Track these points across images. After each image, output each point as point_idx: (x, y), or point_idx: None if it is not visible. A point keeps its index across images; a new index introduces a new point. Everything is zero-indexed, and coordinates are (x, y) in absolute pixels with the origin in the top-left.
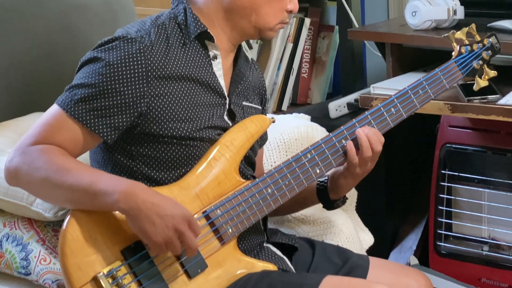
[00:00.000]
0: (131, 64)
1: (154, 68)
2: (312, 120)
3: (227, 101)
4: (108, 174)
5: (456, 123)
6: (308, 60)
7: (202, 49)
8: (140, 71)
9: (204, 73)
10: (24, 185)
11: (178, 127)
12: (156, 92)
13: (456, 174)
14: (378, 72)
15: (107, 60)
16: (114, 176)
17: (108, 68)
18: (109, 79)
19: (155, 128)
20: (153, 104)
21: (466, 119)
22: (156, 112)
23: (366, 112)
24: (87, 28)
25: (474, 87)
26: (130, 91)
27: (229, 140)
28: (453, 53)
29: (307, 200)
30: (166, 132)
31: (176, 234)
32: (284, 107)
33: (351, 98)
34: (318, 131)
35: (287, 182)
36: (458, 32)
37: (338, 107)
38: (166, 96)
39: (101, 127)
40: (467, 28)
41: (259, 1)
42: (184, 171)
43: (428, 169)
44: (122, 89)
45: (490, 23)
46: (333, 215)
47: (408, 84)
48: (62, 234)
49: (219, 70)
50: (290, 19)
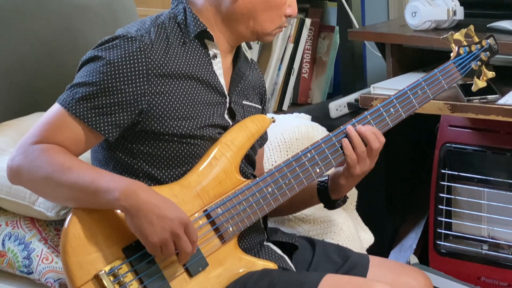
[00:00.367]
0: (132, 62)
1: (155, 66)
2: (313, 120)
3: (227, 99)
4: (110, 173)
5: (456, 123)
6: (309, 60)
7: (202, 48)
8: (140, 69)
9: (205, 71)
10: (26, 183)
11: (179, 125)
12: (157, 90)
13: (456, 173)
14: (378, 72)
15: (108, 58)
16: (115, 174)
17: (108, 66)
18: (109, 77)
19: (156, 126)
20: (153, 102)
21: (466, 119)
22: (157, 110)
23: (366, 112)
24: (88, 29)
25: (472, 88)
26: (130, 89)
27: (229, 139)
28: (451, 54)
29: (308, 200)
30: (167, 130)
31: (172, 237)
32: (285, 107)
33: (351, 98)
34: (319, 131)
35: (287, 181)
36: (457, 33)
37: (338, 107)
38: (167, 94)
39: (102, 125)
40: (466, 29)
41: (257, 8)
42: (184, 169)
43: (428, 168)
44: (122, 87)
45: (489, 24)
46: (333, 214)
47: (407, 85)
48: (64, 233)
49: (219, 69)
50: (289, 23)
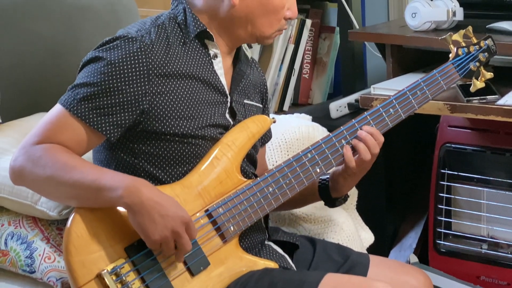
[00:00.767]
0: (132, 62)
1: (155, 66)
2: (313, 120)
3: (229, 99)
4: (112, 171)
5: (456, 123)
6: (309, 61)
7: (202, 48)
8: (141, 69)
9: (205, 71)
10: (29, 183)
11: (180, 124)
12: (158, 90)
13: (456, 173)
14: (378, 73)
15: (109, 59)
16: (118, 172)
17: (109, 67)
18: (111, 78)
19: (157, 125)
20: (155, 102)
21: (466, 119)
22: (158, 110)
23: (365, 113)
24: (90, 30)
25: (471, 88)
26: (132, 89)
27: (230, 139)
28: (450, 55)
29: (309, 198)
30: (168, 129)
31: (173, 235)
32: (286, 107)
33: (351, 98)
34: (319, 131)
35: (288, 181)
36: (455, 34)
37: (339, 107)
38: (168, 94)
39: (103, 125)
40: (464, 30)
41: (255, 13)
42: (186, 169)
43: (428, 168)
44: (124, 87)
45: (489, 25)
46: (334, 213)
47: (406, 85)
48: (67, 232)
49: (220, 68)
50: (289, 24)
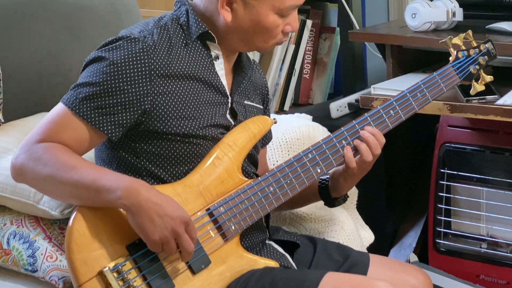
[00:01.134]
0: (135, 63)
1: (157, 66)
2: (314, 120)
3: (229, 100)
4: (112, 172)
5: (455, 123)
6: (310, 61)
7: (204, 49)
8: (143, 69)
9: (207, 72)
10: (29, 181)
11: (182, 124)
12: (160, 90)
13: (455, 173)
14: (378, 73)
15: (111, 59)
16: (117, 173)
17: (112, 67)
18: (113, 78)
19: (158, 125)
20: (156, 102)
21: (465, 119)
22: (160, 110)
23: (366, 114)
24: (92, 30)
25: (471, 91)
26: (134, 89)
27: (232, 140)
28: (450, 58)
29: (309, 197)
30: (170, 129)
31: (173, 235)
32: (286, 107)
33: (352, 98)
34: (320, 131)
35: (288, 181)
36: (455, 37)
37: (339, 107)
38: (170, 94)
39: (105, 124)
40: (464, 34)
41: (248, 31)
42: (187, 168)
43: (428, 168)
44: (126, 87)
45: (488, 25)
46: (334, 213)
47: (407, 87)
48: (69, 230)
49: (221, 69)
50: (288, 37)
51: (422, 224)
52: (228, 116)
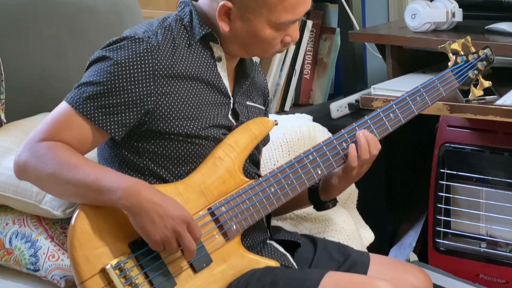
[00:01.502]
0: (139, 63)
1: (161, 67)
2: (314, 120)
3: (231, 100)
4: (113, 171)
5: (455, 123)
6: (310, 61)
7: (207, 50)
8: (147, 70)
9: (209, 73)
10: (32, 179)
11: (184, 125)
12: (163, 91)
13: (455, 173)
14: (378, 73)
15: (115, 59)
16: (119, 173)
17: (116, 66)
18: (117, 77)
19: (161, 125)
20: (159, 102)
21: (465, 119)
22: (163, 110)
23: (366, 117)
24: (94, 30)
25: (469, 96)
26: (137, 89)
27: (233, 140)
28: (449, 63)
29: (299, 201)
30: (172, 129)
31: (174, 235)
32: (287, 107)
33: (352, 98)
34: (320, 131)
35: (289, 182)
36: (454, 43)
37: (339, 108)
38: (172, 95)
39: (109, 124)
40: (463, 40)
41: (246, 41)
42: (189, 168)
43: (427, 168)
44: (129, 87)
45: (487, 26)
46: (334, 212)
47: (407, 88)
48: (71, 227)
49: (223, 71)
50: (288, 46)
51: (422, 223)
52: (230, 116)
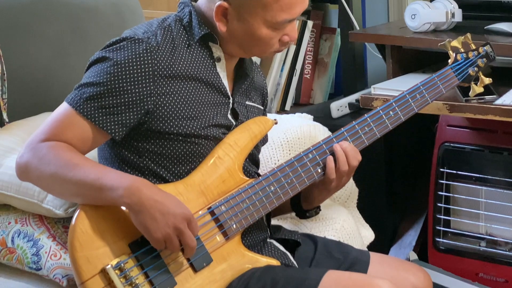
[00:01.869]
0: (138, 63)
1: (161, 67)
2: (315, 119)
3: (231, 100)
4: (114, 170)
5: (454, 123)
6: (311, 61)
7: (206, 50)
8: (147, 70)
9: (208, 73)
10: (34, 180)
11: (184, 124)
12: (163, 91)
13: (454, 172)
14: (378, 73)
15: (115, 59)
16: (120, 172)
17: (116, 67)
18: (117, 78)
19: (161, 125)
20: (159, 102)
21: (464, 119)
22: (163, 110)
23: (366, 115)
24: (96, 30)
25: (470, 93)
26: (137, 90)
27: (233, 140)
28: (449, 60)
29: (281, 208)
30: (172, 129)
31: (176, 232)
32: (287, 107)
33: (352, 98)
34: (320, 130)
35: (289, 181)
36: (454, 40)
37: (339, 107)
38: (172, 95)
39: (109, 124)
40: (463, 37)
41: (243, 41)
42: (189, 167)
43: (427, 167)
44: (129, 87)
45: (487, 26)
46: (334, 212)
47: (407, 87)
48: (72, 228)
49: (222, 71)
50: (287, 46)
51: (422, 222)
52: (229, 116)
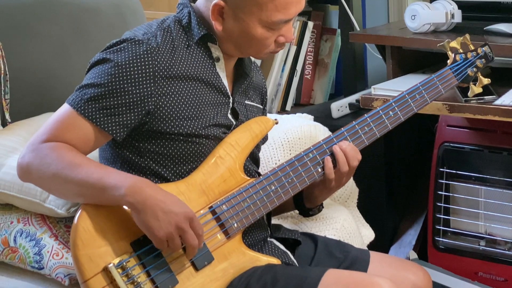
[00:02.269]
0: (139, 64)
1: (161, 68)
2: (315, 120)
3: (231, 100)
4: (116, 170)
5: (454, 123)
6: (311, 62)
7: (205, 50)
8: (147, 71)
9: (208, 73)
10: (35, 180)
11: (184, 124)
12: (163, 91)
13: (454, 172)
14: (378, 74)
15: (116, 61)
16: (122, 172)
17: (116, 68)
18: (117, 79)
19: (162, 125)
20: (160, 103)
21: (464, 119)
22: (163, 111)
23: (366, 115)
24: (97, 31)
25: (469, 94)
26: (138, 91)
27: (234, 139)
28: (448, 61)
29: (285, 206)
30: (173, 129)
31: (178, 232)
32: (288, 107)
33: (352, 98)
34: (321, 131)
35: (290, 180)
36: (453, 41)
37: (340, 107)
38: (173, 95)
39: (110, 125)
40: (462, 38)
41: (239, 41)
42: (190, 167)
43: (427, 167)
44: (130, 88)
45: (486, 27)
46: (335, 211)
47: (407, 88)
48: (74, 227)
49: (222, 71)
50: (283, 47)
51: (421, 222)
52: (229, 116)
